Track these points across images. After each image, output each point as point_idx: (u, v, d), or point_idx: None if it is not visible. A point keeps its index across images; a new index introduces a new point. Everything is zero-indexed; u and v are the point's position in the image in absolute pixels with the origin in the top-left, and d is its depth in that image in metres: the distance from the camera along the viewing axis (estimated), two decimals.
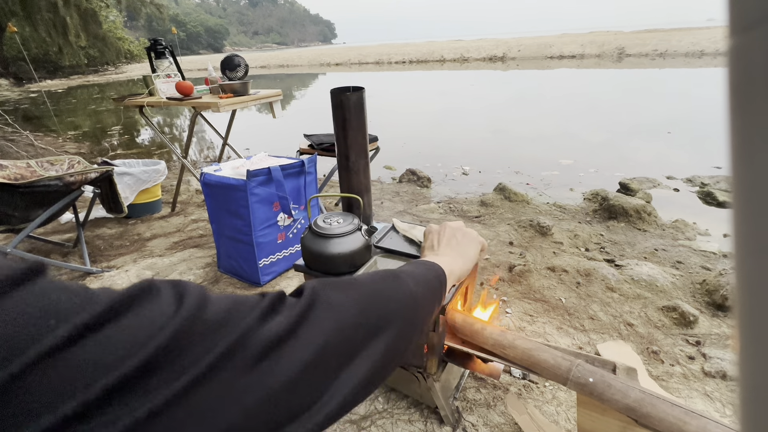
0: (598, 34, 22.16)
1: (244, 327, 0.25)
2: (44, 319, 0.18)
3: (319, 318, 0.29)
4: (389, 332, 0.34)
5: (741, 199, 0.11)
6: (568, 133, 4.79)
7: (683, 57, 14.58)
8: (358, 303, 0.32)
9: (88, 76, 23.89)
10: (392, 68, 19.75)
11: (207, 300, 0.25)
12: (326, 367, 0.28)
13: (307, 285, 0.32)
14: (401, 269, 0.45)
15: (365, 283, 0.36)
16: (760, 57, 0.10)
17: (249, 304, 0.27)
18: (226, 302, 0.26)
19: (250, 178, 1.51)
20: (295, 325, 0.27)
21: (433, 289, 0.46)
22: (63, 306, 0.19)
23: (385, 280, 0.39)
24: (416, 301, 0.40)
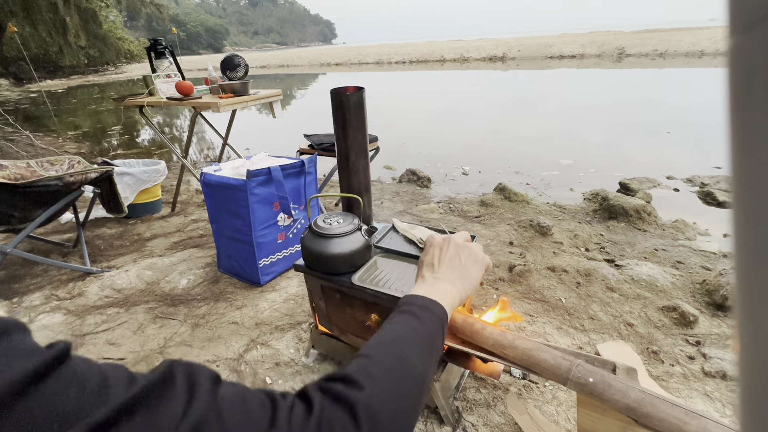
0: (598, 34, 22.16)
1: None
2: (48, 423, 0.18)
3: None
4: (403, 428, 0.35)
5: (741, 199, 0.11)
6: (568, 133, 4.79)
7: (683, 57, 14.58)
8: (367, 428, 0.32)
9: (88, 76, 23.89)
10: (392, 68, 19.75)
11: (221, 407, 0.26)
12: None
13: (315, 400, 0.31)
14: (405, 334, 0.43)
15: (378, 401, 0.34)
16: (760, 57, 0.10)
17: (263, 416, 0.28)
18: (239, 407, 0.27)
19: (250, 178, 1.51)
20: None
21: (437, 345, 0.45)
22: (70, 408, 0.19)
23: (394, 372, 0.38)
24: (424, 382, 0.40)
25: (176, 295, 1.68)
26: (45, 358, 0.20)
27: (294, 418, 0.29)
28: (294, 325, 1.45)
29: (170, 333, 1.44)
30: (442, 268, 0.57)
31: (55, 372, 0.20)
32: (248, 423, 0.26)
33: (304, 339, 1.37)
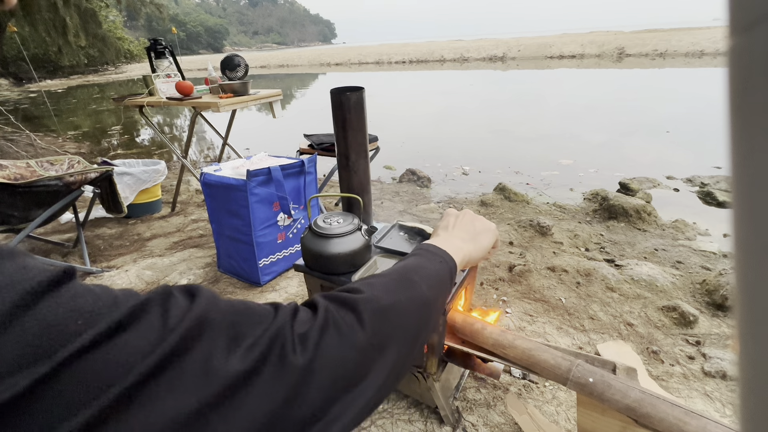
0: (598, 34, 22.16)
1: (280, 333, 0.27)
2: (73, 319, 0.20)
3: (331, 346, 0.29)
4: (401, 344, 0.34)
5: (741, 199, 0.11)
6: (568, 133, 4.79)
7: (683, 57, 14.58)
8: (370, 323, 0.32)
9: (87, 76, 23.89)
10: (392, 68, 19.75)
11: (217, 300, 0.27)
12: (338, 387, 0.29)
13: (320, 304, 0.32)
14: (415, 267, 0.45)
15: (378, 297, 0.36)
16: (760, 57, 0.10)
17: (265, 314, 0.28)
18: (239, 306, 0.28)
19: (250, 178, 1.51)
20: (311, 360, 0.28)
21: (445, 285, 0.46)
22: (89, 308, 0.21)
23: (399, 289, 0.39)
24: (429, 306, 0.40)
25: None
26: (58, 269, 0.21)
27: (299, 317, 0.30)
28: None
29: None
30: (455, 229, 0.60)
31: (69, 282, 0.21)
32: (252, 318, 0.27)
33: None
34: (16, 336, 0.18)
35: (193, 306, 0.24)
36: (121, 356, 0.20)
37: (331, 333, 0.30)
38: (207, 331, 0.24)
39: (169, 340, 0.22)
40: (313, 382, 0.27)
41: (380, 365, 0.32)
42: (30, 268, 0.20)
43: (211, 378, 0.22)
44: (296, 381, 0.26)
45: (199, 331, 0.23)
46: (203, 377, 0.22)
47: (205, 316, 0.24)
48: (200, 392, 0.22)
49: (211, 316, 0.25)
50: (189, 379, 0.22)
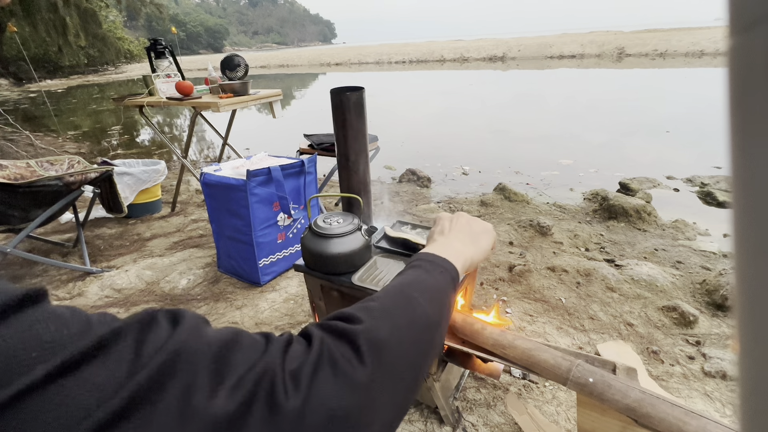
0: (598, 34, 22.16)
1: (270, 371, 0.25)
2: (27, 351, 0.17)
3: (326, 386, 0.26)
4: (407, 376, 0.32)
5: (741, 199, 0.11)
6: (568, 133, 4.79)
7: (683, 57, 14.58)
8: (371, 358, 0.30)
9: (87, 76, 23.89)
10: (392, 68, 19.75)
11: (205, 329, 0.24)
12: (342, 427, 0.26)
13: (315, 336, 0.30)
14: (415, 282, 0.41)
15: (378, 327, 0.32)
16: (760, 57, 0.10)
17: (257, 347, 0.26)
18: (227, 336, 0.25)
19: (250, 178, 1.51)
20: (303, 404, 0.25)
21: (448, 297, 0.43)
22: (49, 338, 0.18)
23: (400, 313, 0.36)
24: (433, 326, 0.38)
25: (176, 295, 1.68)
26: (18, 293, 0.19)
27: (291, 350, 0.27)
28: (294, 325, 1.45)
29: None
30: (452, 232, 0.57)
31: (30, 308, 0.19)
32: (239, 352, 0.25)
33: None
34: None
35: (172, 335, 0.22)
36: (81, 395, 0.18)
37: (326, 370, 0.27)
38: (185, 365, 0.21)
39: (138, 377, 0.19)
40: (306, 428, 0.24)
41: (386, 402, 0.29)
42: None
43: (189, 421, 0.20)
44: (286, 427, 0.23)
45: (175, 366, 0.21)
46: (180, 420, 0.20)
47: (184, 348, 0.22)
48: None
49: (191, 348, 0.22)
50: (162, 421, 0.19)
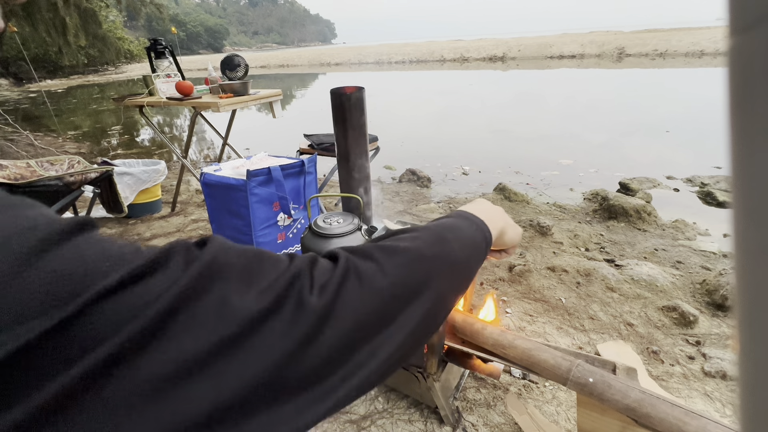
0: (598, 34, 22.16)
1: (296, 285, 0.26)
2: (100, 261, 0.20)
3: (352, 292, 0.28)
4: (427, 298, 0.33)
5: (741, 199, 0.11)
6: (568, 133, 4.79)
7: (683, 57, 14.59)
8: (394, 272, 0.31)
9: (87, 76, 23.90)
10: (392, 68, 19.75)
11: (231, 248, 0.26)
12: (359, 333, 0.28)
13: (341, 254, 0.31)
14: (449, 226, 0.42)
15: (404, 249, 0.34)
16: (760, 57, 0.10)
17: (283, 267, 0.27)
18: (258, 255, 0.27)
19: (250, 178, 1.51)
20: (330, 303, 0.27)
21: (479, 252, 0.43)
22: (116, 252, 0.21)
23: (428, 244, 0.36)
24: (459, 267, 0.38)
25: None
26: (84, 217, 0.22)
27: (318, 264, 0.29)
28: None
29: None
30: (490, 209, 0.53)
31: (93, 230, 0.22)
32: (266, 263, 0.27)
33: None
34: (43, 273, 0.18)
35: (204, 250, 0.24)
36: (141, 299, 0.20)
37: (352, 280, 0.29)
38: (220, 272, 0.24)
39: (182, 281, 0.22)
40: (333, 325, 0.26)
41: (405, 315, 0.31)
42: (53, 216, 0.21)
43: (227, 318, 0.22)
44: (314, 322, 0.25)
45: (211, 273, 0.23)
46: (219, 317, 0.22)
47: (217, 259, 0.24)
48: (216, 332, 0.22)
49: (223, 259, 0.25)
50: (205, 318, 0.22)
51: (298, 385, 0.25)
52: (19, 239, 0.19)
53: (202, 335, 0.21)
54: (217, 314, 0.22)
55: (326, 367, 0.26)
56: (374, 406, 1.09)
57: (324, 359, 0.26)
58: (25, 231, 0.19)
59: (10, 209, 0.20)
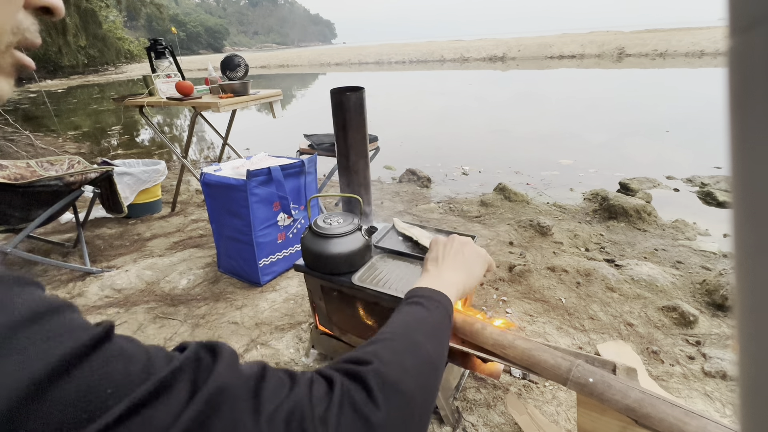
0: (598, 34, 22.16)
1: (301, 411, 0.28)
2: (103, 388, 0.21)
3: (350, 428, 0.30)
4: (415, 414, 0.35)
5: (741, 199, 0.11)
6: (568, 133, 4.79)
7: (683, 57, 14.58)
8: (383, 400, 0.32)
9: (88, 76, 23.89)
10: (392, 68, 19.75)
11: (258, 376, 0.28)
12: None
13: (335, 379, 0.32)
14: (417, 322, 0.45)
15: (387, 372, 0.35)
16: (760, 57, 0.10)
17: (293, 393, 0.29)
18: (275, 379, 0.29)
19: (250, 178, 1.51)
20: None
21: (446, 333, 0.47)
22: (120, 376, 0.21)
23: (406, 356, 0.38)
24: (436, 367, 0.41)
25: (176, 295, 1.68)
26: (95, 332, 0.22)
27: (315, 391, 0.30)
28: (294, 325, 1.45)
29: (170, 333, 1.44)
30: (446, 261, 0.60)
31: (104, 346, 0.22)
32: (269, 388, 0.28)
33: (304, 339, 1.37)
34: (57, 401, 0.19)
35: (213, 372, 0.25)
36: (149, 425, 0.21)
37: (348, 413, 0.30)
38: (227, 400, 0.24)
39: (189, 412, 0.22)
40: None
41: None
42: (71, 327, 0.22)
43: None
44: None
45: (219, 402, 0.24)
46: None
47: (226, 385, 0.25)
48: None
49: (231, 384, 0.25)
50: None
51: None
52: (25, 365, 0.19)
53: None
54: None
55: None
56: None
57: None
58: (42, 356, 0.19)
59: (31, 325, 0.20)
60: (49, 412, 0.19)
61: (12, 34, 0.25)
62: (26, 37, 0.27)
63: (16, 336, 0.19)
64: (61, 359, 0.20)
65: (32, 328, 0.20)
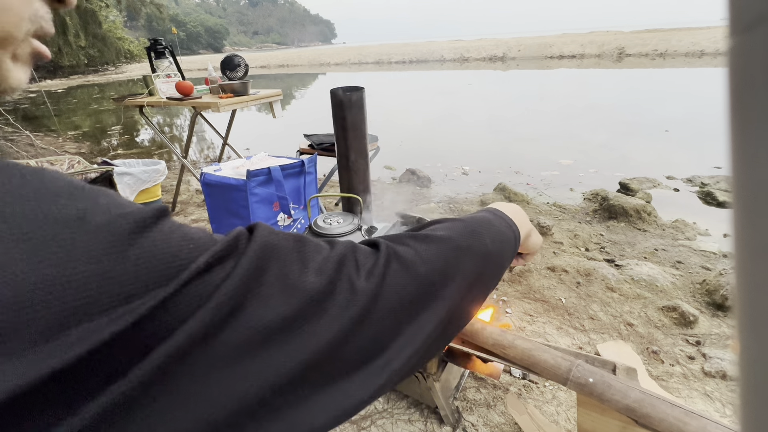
0: (598, 34, 22.17)
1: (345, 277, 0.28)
2: (184, 243, 0.22)
3: (396, 276, 0.30)
4: (457, 286, 0.35)
5: (741, 199, 0.11)
6: (568, 133, 4.79)
7: (683, 57, 14.58)
8: (430, 259, 0.33)
9: (88, 76, 23.88)
10: (392, 68, 19.75)
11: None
12: (403, 315, 0.30)
13: (381, 242, 0.33)
14: (482, 221, 0.42)
15: (442, 238, 0.36)
16: (760, 57, 0.10)
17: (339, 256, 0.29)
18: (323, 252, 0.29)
19: (250, 178, 1.51)
20: (378, 287, 0.29)
21: (510, 247, 0.44)
22: (194, 236, 0.23)
23: (463, 236, 0.38)
24: (490, 258, 0.39)
25: None
26: (160, 204, 0.24)
27: (360, 249, 0.31)
28: None
29: None
30: (516, 212, 0.52)
31: (168, 216, 0.23)
32: (311, 246, 0.28)
33: None
34: (143, 253, 0.20)
35: (254, 235, 0.26)
36: (217, 279, 0.22)
37: (395, 265, 0.31)
38: (273, 252, 0.25)
39: (243, 263, 0.23)
40: (381, 307, 0.28)
41: (439, 301, 0.33)
42: (137, 204, 0.23)
43: (291, 293, 0.24)
44: (365, 304, 0.27)
45: (265, 254, 0.25)
46: (283, 292, 0.24)
47: (267, 241, 0.26)
48: (283, 306, 0.24)
49: (273, 241, 0.26)
50: (270, 293, 0.23)
51: (351, 363, 0.27)
52: (119, 222, 0.20)
53: (271, 309, 0.23)
54: (281, 290, 0.24)
55: (375, 347, 0.28)
56: (374, 406, 1.09)
57: (372, 340, 0.28)
58: (123, 215, 0.20)
59: (103, 196, 0.21)
60: (147, 257, 0.20)
61: (30, 22, 0.25)
62: (42, 25, 0.27)
63: (98, 202, 0.20)
64: (146, 215, 0.21)
65: (108, 196, 0.21)
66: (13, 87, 0.26)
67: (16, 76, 0.26)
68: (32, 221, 0.18)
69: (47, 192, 0.19)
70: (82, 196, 0.20)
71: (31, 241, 0.17)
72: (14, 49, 0.25)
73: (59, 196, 0.19)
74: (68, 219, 0.18)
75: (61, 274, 0.17)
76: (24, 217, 0.17)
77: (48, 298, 0.17)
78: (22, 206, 0.18)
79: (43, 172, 0.20)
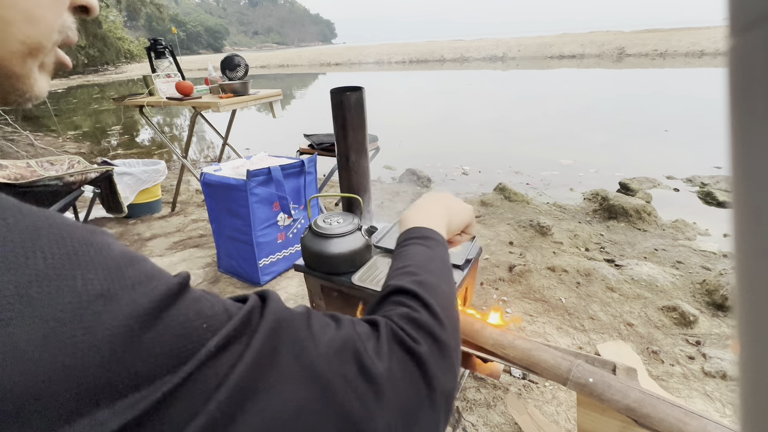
0: (598, 34, 22.17)
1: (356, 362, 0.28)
2: (200, 323, 0.22)
3: (399, 362, 0.30)
4: (453, 350, 0.35)
5: (741, 199, 0.11)
6: (568, 133, 4.79)
7: (683, 57, 14.58)
8: (424, 339, 0.33)
9: (87, 75, 23.87)
10: (392, 68, 19.75)
11: None
12: (410, 404, 0.30)
13: (379, 320, 0.33)
14: (422, 273, 0.42)
15: (420, 316, 0.36)
16: (760, 57, 0.10)
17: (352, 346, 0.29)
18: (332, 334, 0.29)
19: (250, 178, 1.51)
20: (389, 369, 0.29)
21: (450, 269, 0.45)
22: (209, 313, 0.23)
23: (443, 293, 0.39)
24: (452, 301, 0.41)
25: None
26: (181, 275, 0.23)
27: (359, 328, 0.31)
28: None
29: None
30: (424, 203, 0.54)
31: (190, 288, 0.23)
32: (317, 325, 0.28)
33: None
34: (160, 337, 0.20)
35: (266, 310, 0.26)
36: (227, 365, 0.22)
37: (396, 348, 0.30)
38: (287, 329, 0.25)
39: (256, 343, 0.23)
40: (394, 387, 0.28)
41: (443, 371, 0.33)
42: (159, 271, 0.23)
43: (307, 373, 0.24)
44: (381, 386, 0.27)
45: (281, 330, 0.25)
46: (299, 376, 0.24)
47: (282, 318, 0.26)
48: (300, 392, 0.23)
49: (286, 317, 0.26)
50: (286, 377, 0.23)
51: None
52: (141, 302, 0.20)
53: (285, 397, 0.23)
54: (295, 374, 0.24)
55: None
56: None
57: (390, 423, 0.27)
58: (146, 294, 0.20)
59: (131, 267, 0.21)
60: (160, 341, 0.20)
61: (59, 33, 0.26)
62: (68, 35, 0.27)
63: (123, 274, 0.20)
64: (164, 294, 0.21)
65: (133, 267, 0.21)
66: (37, 96, 0.26)
67: (41, 85, 0.27)
68: (56, 302, 0.18)
69: (72, 266, 0.19)
70: (108, 267, 0.20)
71: (52, 322, 0.17)
72: (42, 58, 0.26)
73: (86, 270, 0.19)
74: (91, 297, 0.18)
75: (78, 364, 0.17)
76: (48, 295, 0.17)
77: (60, 389, 0.17)
78: (48, 286, 0.18)
79: (73, 233, 0.21)
